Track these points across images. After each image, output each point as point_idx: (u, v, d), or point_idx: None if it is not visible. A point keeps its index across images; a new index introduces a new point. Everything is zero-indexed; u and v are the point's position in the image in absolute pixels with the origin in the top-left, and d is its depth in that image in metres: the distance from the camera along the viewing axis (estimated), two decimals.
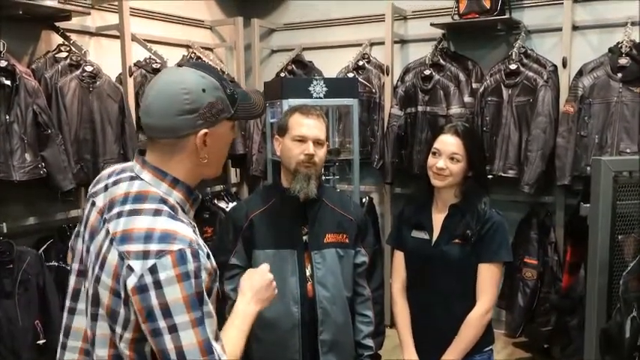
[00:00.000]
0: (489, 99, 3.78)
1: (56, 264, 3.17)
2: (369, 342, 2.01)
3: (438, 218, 2.02)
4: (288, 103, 3.20)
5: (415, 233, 2.05)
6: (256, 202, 1.99)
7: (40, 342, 2.97)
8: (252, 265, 1.90)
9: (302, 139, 1.88)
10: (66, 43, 3.40)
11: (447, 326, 1.95)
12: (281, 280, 1.89)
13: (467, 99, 3.86)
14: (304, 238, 1.93)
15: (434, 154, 1.97)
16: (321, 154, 1.93)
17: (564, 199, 3.67)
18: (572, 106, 3.46)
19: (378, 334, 2.05)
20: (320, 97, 3.23)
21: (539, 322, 3.64)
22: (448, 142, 1.95)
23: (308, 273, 1.92)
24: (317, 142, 1.90)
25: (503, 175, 3.72)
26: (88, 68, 3.34)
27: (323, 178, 3.53)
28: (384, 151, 4.07)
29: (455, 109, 3.81)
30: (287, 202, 1.93)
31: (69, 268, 3.43)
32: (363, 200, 4.24)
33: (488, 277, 1.94)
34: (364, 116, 4.26)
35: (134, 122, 3.54)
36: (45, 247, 3.20)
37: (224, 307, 1.92)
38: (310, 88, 3.21)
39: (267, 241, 1.91)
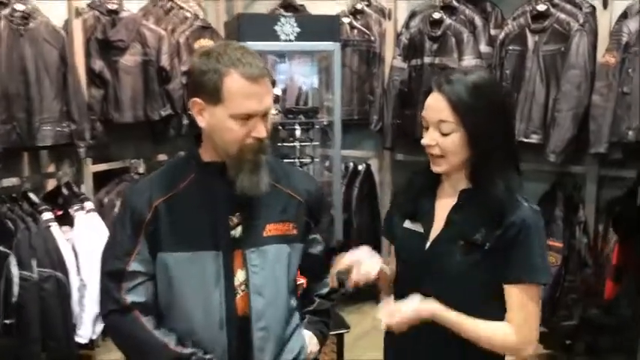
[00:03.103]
0: (511, 48, 3.23)
1: None
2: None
3: (442, 207, 1.43)
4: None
5: (408, 224, 1.48)
6: (164, 184, 1.39)
7: None
8: (156, 273, 1.36)
9: (249, 117, 1.30)
10: None
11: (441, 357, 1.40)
12: (201, 295, 1.35)
13: (483, 48, 3.35)
14: (233, 232, 1.38)
15: (424, 126, 1.39)
16: (268, 125, 1.36)
17: (598, 171, 3.13)
18: (613, 56, 2.91)
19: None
20: (290, 40, 2.57)
21: (561, 315, 3.13)
22: (431, 107, 1.36)
23: (237, 282, 1.38)
24: (265, 114, 1.33)
25: (525, 140, 3.18)
26: (19, 7, 2.80)
27: (297, 145, 2.99)
28: (384, 111, 3.59)
29: (468, 60, 3.30)
30: (209, 181, 1.37)
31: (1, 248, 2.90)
32: (359, 167, 3.77)
33: (517, 305, 1.34)
34: (362, 70, 3.81)
35: (81, 74, 2.99)
36: None
37: (129, 323, 1.40)
38: (277, 28, 2.52)
39: (179, 240, 1.34)
